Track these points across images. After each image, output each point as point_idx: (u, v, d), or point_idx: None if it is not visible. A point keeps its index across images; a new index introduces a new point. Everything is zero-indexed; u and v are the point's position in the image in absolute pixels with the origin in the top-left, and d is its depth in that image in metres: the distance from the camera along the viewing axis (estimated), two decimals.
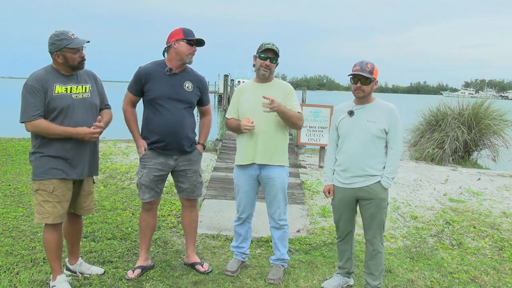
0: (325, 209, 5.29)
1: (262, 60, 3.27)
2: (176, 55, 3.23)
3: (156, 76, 3.22)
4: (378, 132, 2.98)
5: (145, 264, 3.45)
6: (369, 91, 3.01)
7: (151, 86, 3.21)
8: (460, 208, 5.68)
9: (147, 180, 3.28)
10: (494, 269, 3.84)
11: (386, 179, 3.01)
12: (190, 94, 3.30)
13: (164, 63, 3.28)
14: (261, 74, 3.31)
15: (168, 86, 3.22)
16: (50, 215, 2.91)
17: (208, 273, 3.46)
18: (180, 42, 3.19)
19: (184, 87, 3.28)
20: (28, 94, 2.82)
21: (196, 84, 3.34)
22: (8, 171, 6.69)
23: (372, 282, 3.11)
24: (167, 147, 3.26)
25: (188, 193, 3.44)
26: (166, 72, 3.23)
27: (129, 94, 3.31)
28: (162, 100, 3.21)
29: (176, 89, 3.24)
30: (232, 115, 3.40)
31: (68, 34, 2.89)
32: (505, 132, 10.24)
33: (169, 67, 3.24)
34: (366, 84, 2.98)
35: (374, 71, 2.99)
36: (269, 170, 3.32)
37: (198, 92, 3.37)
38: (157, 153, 3.27)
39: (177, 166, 3.35)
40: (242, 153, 3.35)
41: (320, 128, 8.20)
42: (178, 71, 3.28)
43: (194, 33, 3.26)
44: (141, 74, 3.24)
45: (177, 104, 3.24)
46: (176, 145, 3.27)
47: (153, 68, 3.25)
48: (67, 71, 2.96)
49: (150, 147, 3.28)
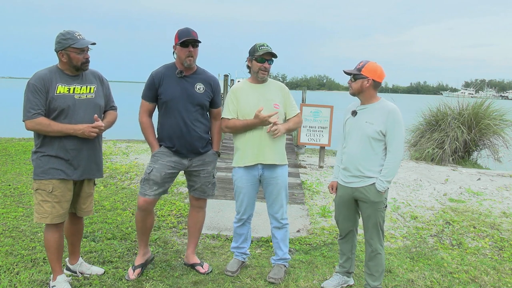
0: (325, 209, 5.29)
1: (260, 63, 3.24)
2: (178, 59, 3.25)
3: (168, 79, 3.22)
4: (374, 133, 2.93)
5: (144, 259, 3.44)
6: (357, 88, 2.97)
7: (164, 88, 3.21)
8: (460, 208, 5.68)
9: (158, 176, 3.23)
10: (494, 269, 3.84)
11: (380, 182, 2.95)
12: (202, 96, 3.28)
13: (174, 65, 3.29)
14: (260, 77, 3.29)
15: (179, 88, 3.22)
16: (49, 215, 2.91)
17: (208, 273, 3.46)
18: (177, 46, 3.18)
19: (196, 89, 3.27)
20: (29, 93, 2.83)
21: (207, 85, 3.32)
22: (8, 171, 6.69)
23: (372, 283, 3.11)
24: (180, 150, 3.26)
25: (200, 192, 3.43)
26: (177, 75, 3.23)
27: (145, 103, 3.28)
28: (174, 103, 3.20)
29: (187, 91, 3.23)
30: (233, 115, 3.32)
31: (74, 34, 2.90)
32: (505, 132, 10.25)
33: (180, 70, 3.24)
34: (353, 81, 2.98)
35: (363, 68, 2.94)
36: (273, 170, 3.33)
37: (210, 93, 3.35)
38: (171, 152, 3.27)
39: (191, 167, 3.34)
40: (247, 153, 3.31)
41: (320, 128, 8.19)
42: (189, 73, 3.28)
43: (190, 32, 3.17)
44: (155, 77, 3.24)
45: (189, 107, 3.23)
46: (190, 148, 3.26)
47: (165, 71, 3.26)
48: (71, 71, 2.96)
49: (166, 145, 3.28)
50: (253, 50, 3.26)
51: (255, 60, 3.25)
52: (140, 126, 3.33)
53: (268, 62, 3.26)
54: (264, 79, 3.31)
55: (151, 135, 3.32)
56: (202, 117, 3.33)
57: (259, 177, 3.36)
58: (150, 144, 3.34)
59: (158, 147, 3.30)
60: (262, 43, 3.27)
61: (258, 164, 3.31)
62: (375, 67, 2.96)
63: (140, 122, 3.32)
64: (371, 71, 2.95)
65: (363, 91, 2.98)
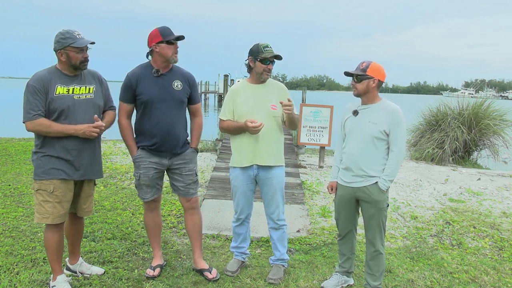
0: (325, 209, 5.29)
1: (264, 65, 3.23)
2: (160, 57, 3.18)
3: (145, 78, 3.19)
4: (378, 133, 2.95)
5: (162, 262, 3.51)
6: (363, 89, 2.97)
7: (142, 89, 3.18)
8: (460, 208, 5.68)
9: (147, 179, 3.28)
10: (494, 269, 3.84)
11: (383, 181, 2.98)
12: (180, 92, 3.27)
13: (150, 65, 3.25)
14: (264, 78, 3.29)
15: (157, 87, 3.19)
16: (50, 215, 2.91)
17: (217, 280, 3.38)
18: (160, 44, 3.14)
19: (174, 86, 3.25)
20: (29, 94, 2.82)
21: (185, 81, 3.31)
22: (8, 171, 6.69)
23: (372, 283, 3.11)
24: (159, 149, 3.24)
25: (183, 192, 3.41)
26: (153, 74, 3.20)
27: (123, 105, 3.24)
28: (153, 102, 3.18)
29: (166, 89, 3.21)
30: (228, 116, 3.33)
31: (74, 33, 2.90)
32: (505, 132, 10.25)
33: (156, 69, 3.21)
34: (358, 81, 2.97)
35: (368, 69, 2.95)
36: (268, 170, 3.32)
37: (188, 89, 3.33)
38: (150, 153, 3.26)
39: (172, 165, 3.33)
40: (242, 154, 3.32)
41: (320, 128, 8.19)
42: (165, 71, 3.25)
43: (171, 30, 3.19)
44: (131, 78, 3.20)
45: (169, 105, 3.22)
46: (169, 147, 3.25)
47: (141, 71, 3.22)
48: (70, 71, 2.96)
49: (142, 147, 3.26)
50: (256, 51, 3.23)
51: (260, 62, 3.23)
52: (120, 128, 3.29)
53: (272, 63, 3.26)
54: (266, 79, 3.31)
55: (130, 138, 3.29)
56: (181, 115, 3.32)
57: (254, 177, 3.36)
58: (129, 146, 3.31)
59: (136, 149, 3.29)
60: (265, 43, 3.25)
61: (253, 164, 3.31)
62: (379, 67, 2.98)
63: (119, 124, 3.28)
64: (376, 71, 2.96)
65: (369, 92, 2.98)
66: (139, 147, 3.28)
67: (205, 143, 10.17)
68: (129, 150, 3.34)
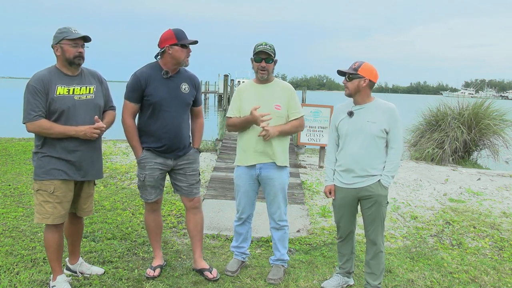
0: (325, 209, 5.29)
1: (257, 63, 3.24)
2: (172, 59, 3.16)
3: (154, 79, 3.17)
4: (378, 132, 2.97)
5: (162, 262, 3.52)
6: (354, 88, 2.99)
7: (151, 90, 3.15)
8: (460, 208, 5.68)
9: (152, 180, 3.26)
10: (494, 269, 3.84)
11: (385, 178, 3.01)
12: (188, 95, 3.29)
13: (158, 65, 3.22)
14: (260, 77, 3.29)
15: (167, 89, 3.19)
16: (50, 215, 2.91)
17: (217, 280, 3.38)
18: (174, 47, 3.12)
19: (181, 89, 3.25)
20: (29, 95, 2.82)
21: (191, 84, 3.32)
22: (8, 171, 6.69)
23: (372, 282, 3.11)
24: (166, 151, 3.24)
25: (187, 192, 3.41)
26: (163, 75, 3.19)
27: (129, 104, 3.18)
28: (162, 105, 3.16)
29: (174, 92, 3.21)
30: (235, 114, 3.34)
31: (70, 29, 2.91)
32: (505, 132, 10.25)
33: (166, 70, 3.19)
34: (349, 80, 2.99)
35: (360, 68, 2.97)
36: (270, 170, 3.32)
37: (194, 92, 3.35)
38: (155, 154, 3.25)
39: (176, 166, 3.34)
40: (247, 153, 3.32)
41: (320, 128, 8.20)
42: (174, 73, 3.25)
43: (185, 33, 3.17)
44: (141, 78, 3.15)
45: (177, 108, 3.22)
46: (177, 147, 3.27)
47: (150, 72, 3.19)
48: (68, 68, 2.95)
49: (148, 148, 3.25)
50: (253, 51, 3.27)
51: (254, 60, 3.26)
52: (124, 128, 3.24)
53: (265, 61, 3.23)
54: (264, 78, 3.29)
55: (135, 138, 3.25)
56: (187, 117, 3.35)
57: (257, 177, 3.36)
58: (133, 147, 3.28)
59: (141, 150, 3.26)
60: (261, 42, 3.26)
61: (257, 164, 3.31)
62: (371, 68, 3.01)
63: (124, 124, 3.23)
64: (367, 71, 2.98)
65: (360, 91, 3.00)
66: (143, 148, 3.27)
67: (205, 143, 10.17)
68: (133, 151, 3.31)
